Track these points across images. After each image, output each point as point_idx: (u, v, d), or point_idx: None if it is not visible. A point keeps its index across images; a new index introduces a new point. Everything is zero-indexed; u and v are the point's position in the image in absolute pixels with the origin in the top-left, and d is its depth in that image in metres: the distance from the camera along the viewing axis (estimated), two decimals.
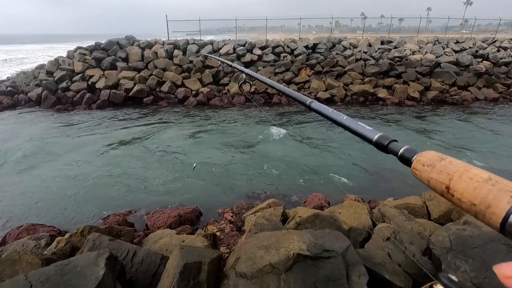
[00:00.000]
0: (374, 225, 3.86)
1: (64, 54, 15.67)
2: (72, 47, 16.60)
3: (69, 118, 11.51)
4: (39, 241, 3.86)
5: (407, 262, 2.81)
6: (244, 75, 2.12)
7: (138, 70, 14.81)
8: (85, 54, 15.14)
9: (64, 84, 13.62)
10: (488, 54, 16.94)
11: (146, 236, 4.14)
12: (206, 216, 5.24)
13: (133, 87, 13.82)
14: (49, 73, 14.39)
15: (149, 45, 16.12)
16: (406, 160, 0.64)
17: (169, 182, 6.57)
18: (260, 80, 1.72)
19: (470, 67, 15.84)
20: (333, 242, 2.63)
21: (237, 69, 2.34)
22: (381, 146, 0.73)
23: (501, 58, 16.59)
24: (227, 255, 3.33)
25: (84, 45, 16.17)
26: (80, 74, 14.15)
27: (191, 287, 2.25)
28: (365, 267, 2.50)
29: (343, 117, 0.92)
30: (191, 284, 2.26)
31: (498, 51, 17.58)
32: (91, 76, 14.11)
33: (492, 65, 16.34)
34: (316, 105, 1.09)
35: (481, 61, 16.56)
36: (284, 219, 4.06)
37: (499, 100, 14.49)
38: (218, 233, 4.12)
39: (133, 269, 2.78)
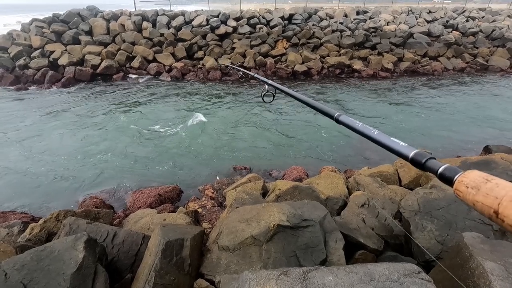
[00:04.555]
0: (350, 193, 4.05)
1: (18, 28, 14.19)
2: (24, 19, 15.02)
3: (31, 98, 10.67)
4: (11, 228, 3.70)
5: (380, 225, 3.00)
6: (266, 86, 2.00)
7: (105, 45, 13.80)
8: (42, 27, 13.80)
9: (21, 61, 12.46)
10: (457, 24, 17.40)
11: (126, 217, 4.09)
12: (187, 194, 5.24)
13: (100, 63, 12.94)
14: (3, 49, 13.04)
15: (115, 17, 14.93)
16: (446, 180, 0.60)
17: (147, 162, 6.43)
18: (284, 91, 1.62)
19: (441, 37, 16.26)
20: (311, 212, 2.73)
21: (260, 80, 2.21)
22: (418, 163, 0.69)
23: (469, 28, 17.11)
24: (209, 230, 3.39)
25: (40, 17, 14.67)
26: (39, 50, 12.96)
27: (174, 263, 2.28)
28: (341, 232, 2.64)
29: (374, 132, 0.86)
30: (174, 261, 2.29)
31: (467, 21, 18.09)
32: (52, 52, 12.98)
33: (461, 35, 16.86)
34: (344, 118, 1.03)
35: (451, 31, 17.02)
36: (264, 192, 4.15)
37: (465, 70, 15.15)
38: (199, 210, 4.15)
39: (115, 250, 2.76)
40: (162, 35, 14.44)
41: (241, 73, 3.35)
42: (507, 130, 8.25)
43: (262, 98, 2.06)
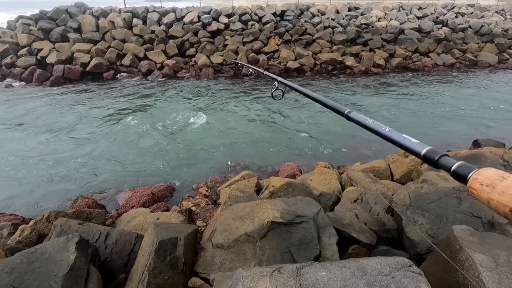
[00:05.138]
0: (343, 189, 4.08)
1: (4, 25, 13.83)
2: (10, 16, 14.64)
3: (16, 96, 10.43)
4: (1, 231, 3.63)
5: (372, 220, 3.04)
6: (276, 83, 1.99)
7: (94, 42, 13.56)
8: (29, 25, 13.46)
9: (8, 60, 12.17)
10: (447, 20, 17.61)
11: (119, 217, 4.04)
12: (180, 192, 5.21)
13: (90, 61, 12.71)
14: None
15: (104, 14, 14.66)
16: (460, 177, 0.59)
17: (140, 161, 6.36)
18: (293, 88, 1.62)
19: (431, 33, 16.44)
20: (305, 208, 2.75)
21: (269, 76, 2.19)
22: (431, 161, 0.68)
23: (458, 24, 17.34)
24: (203, 228, 3.38)
25: (27, 14, 14.32)
26: (27, 48, 12.67)
27: (168, 262, 2.27)
28: (335, 228, 2.67)
29: (385, 129, 0.84)
30: (168, 260, 2.28)
31: (456, 17, 18.32)
32: (39, 50, 12.70)
33: (451, 31, 17.07)
34: (354, 115, 1.01)
35: (441, 27, 17.21)
36: (258, 189, 4.15)
37: (455, 66, 15.37)
38: (193, 208, 4.13)
39: (107, 250, 2.73)
40: (153, 32, 14.26)
41: (250, 70, 3.33)
42: (495, 125, 8.42)
43: (272, 95, 2.06)
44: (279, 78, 1.96)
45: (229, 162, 6.24)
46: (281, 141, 7.29)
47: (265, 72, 2.54)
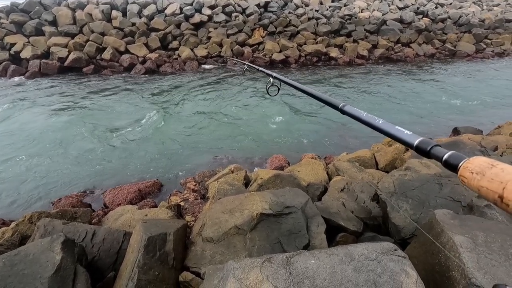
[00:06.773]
0: (330, 179, 4.16)
1: None
2: None
3: None
4: None
5: (359, 208, 3.12)
6: (271, 79, 1.94)
7: (72, 36, 13.02)
8: (0, 18, 12.75)
9: None
10: (427, 11, 17.98)
11: (105, 215, 3.97)
12: (168, 188, 5.15)
13: (68, 56, 12.21)
14: None
15: (81, 5, 14.06)
16: (451, 166, 0.60)
17: (124, 158, 6.23)
18: (288, 83, 1.60)
19: (412, 24, 16.76)
20: (293, 199, 2.78)
21: (265, 72, 2.14)
22: (423, 151, 0.69)
23: (438, 15, 17.75)
24: (193, 223, 3.37)
25: None
26: None
27: (158, 258, 2.25)
28: (323, 217, 2.72)
29: (379, 121, 0.86)
30: (158, 256, 2.26)
31: (436, 7, 18.72)
32: (12, 44, 12.08)
33: (431, 21, 17.46)
34: (349, 108, 1.02)
35: (422, 18, 17.57)
36: (247, 182, 4.16)
37: (435, 56, 15.78)
38: (182, 203, 4.10)
39: (95, 249, 2.69)
40: (133, 24, 13.83)
41: (245, 67, 3.28)
42: (473, 112, 8.75)
43: (267, 91, 2.04)
44: (275, 74, 1.95)
45: (217, 156, 6.21)
46: (268, 134, 7.31)
47: (260, 69, 2.52)
